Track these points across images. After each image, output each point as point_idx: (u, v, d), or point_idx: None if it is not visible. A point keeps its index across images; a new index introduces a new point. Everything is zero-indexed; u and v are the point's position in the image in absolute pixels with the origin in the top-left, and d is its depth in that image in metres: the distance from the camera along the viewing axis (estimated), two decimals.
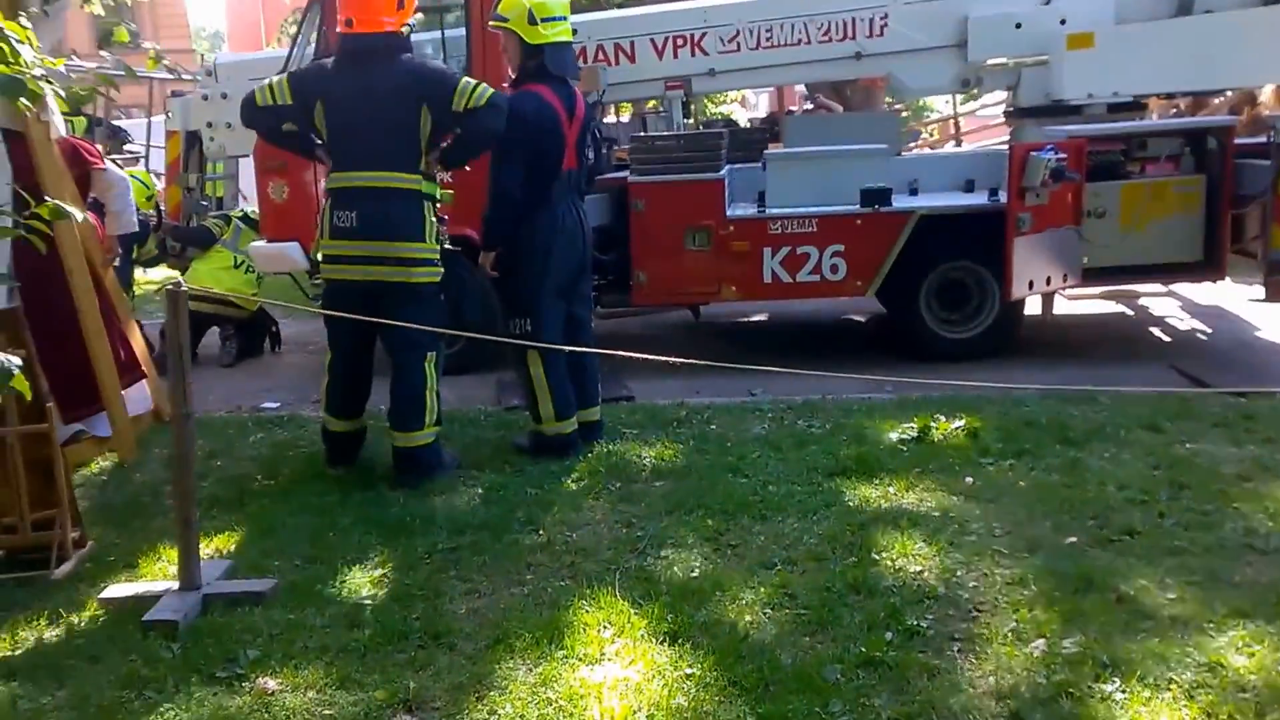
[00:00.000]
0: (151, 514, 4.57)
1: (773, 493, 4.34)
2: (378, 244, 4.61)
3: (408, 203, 4.62)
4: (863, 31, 7.25)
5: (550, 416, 5.02)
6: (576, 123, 5.00)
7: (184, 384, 3.60)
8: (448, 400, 6.02)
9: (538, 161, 4.84)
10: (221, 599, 3.57)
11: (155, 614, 3.46)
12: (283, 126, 4.87)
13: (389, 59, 4.62)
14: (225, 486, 4.77)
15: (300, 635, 3.35)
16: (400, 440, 4.76)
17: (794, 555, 3.75)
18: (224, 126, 7.99)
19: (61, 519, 3.99)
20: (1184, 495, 4.07)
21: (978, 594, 3.38)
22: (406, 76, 4.62)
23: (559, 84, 4.92)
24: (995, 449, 4.69)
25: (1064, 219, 6.26)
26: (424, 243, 4.66)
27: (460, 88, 4.57)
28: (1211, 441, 4.68)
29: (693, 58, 7.40)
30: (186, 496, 3.62)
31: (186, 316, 3.66)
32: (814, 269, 6.63)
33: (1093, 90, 6.81)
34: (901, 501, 4.19)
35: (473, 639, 3.29)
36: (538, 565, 3.82)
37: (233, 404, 6.30)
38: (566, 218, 5.01)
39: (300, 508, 4.48)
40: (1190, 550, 3.59)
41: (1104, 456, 4.55)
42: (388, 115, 4.58)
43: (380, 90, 4.57)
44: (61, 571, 3.93)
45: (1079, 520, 3.89)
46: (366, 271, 4.65)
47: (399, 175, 4.61)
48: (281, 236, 7.07)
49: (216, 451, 5.20)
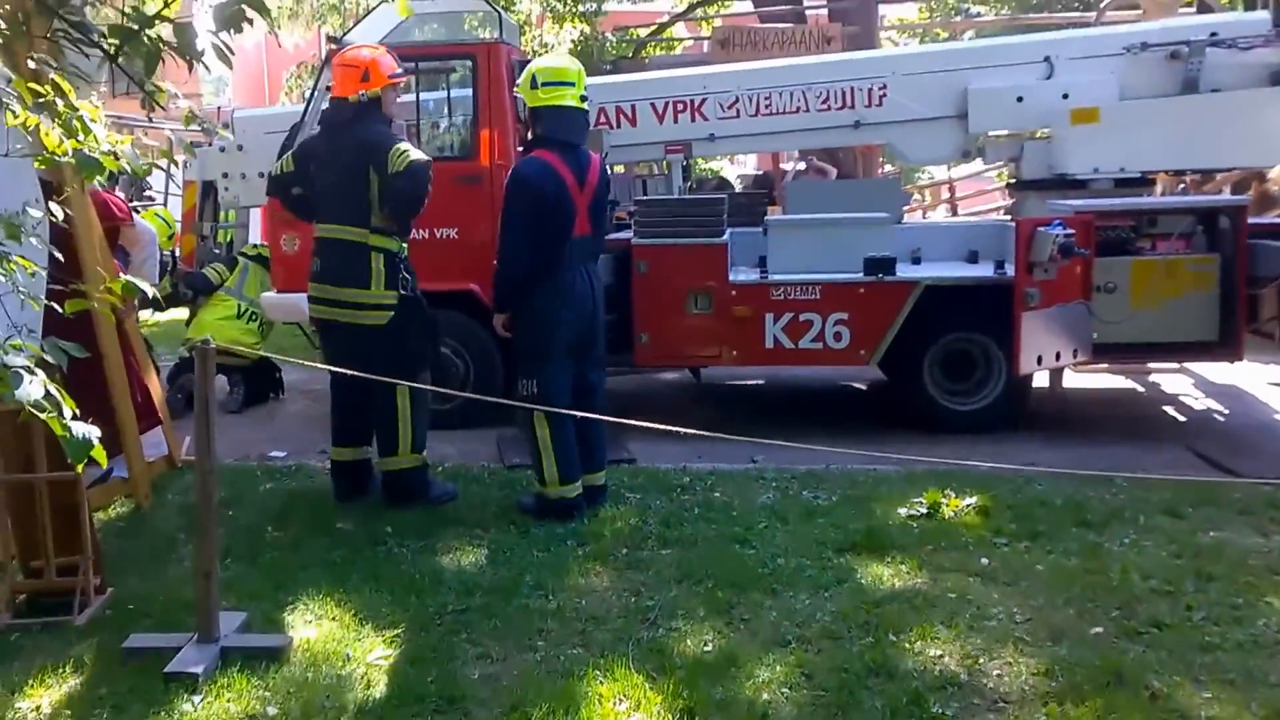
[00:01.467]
0: (167, 561, 4.59)
1: (782, 566, 4.26)
2: (329, 287, 5.13)
3: (353, 252, 5.05)
4: (861, 101, 7.27)
5: (554, 480, 4.97)
6: (589, 188, 5.00)
7: (209, 439, 3.62)
8: (450, 456, 6.00)
9: (543, 226, 4.86)
10: (239, 653, 3.59)
11: (176, 666, 3.49)
12: (293, 191, 5.39)
13: (350, 126, 5.08)
14: (238, 537, 4.74)
15: (318, 694, 3.34)
16: (383, 465, 5.24)
17: (808, 633, 3.67)
18: (239, 177, 8.14)
19: (85, 565, 4.02)
20: (1211, 587, 3.96)
21: (1002, 683, 3.29)
22: (358, 143, 5.03)
23: (567, 149, 4.94)
24: (1009, 529, 4.59)
25: (1073, 294, 6.23)
26: (368, 289, 5.05)
27: (391, 153, 4.95)
28: (1236, 530, 4.57)
29: (693, 123, 7.43)
30: (209, 549, 3.64)
31: (214, 375, 3.69)
32: (816, 336, 6.57)
33: (1098, 165, 6.84)
34: (915, 581, 4.10)
35: (488, 706, 3.24)
36: (548, 632, 3.76)
37: (241, 453, 6.26)
38: (577, 283, 5.01)
39: (311, 562, 4.47)
40: (1222, 646, 3.49)
41: (1124, 542, 4.45)
42: (342, 176, 5.06)
43: (341, 154, 5.07)
44: (84, 618, 3.96)
45: (1103, 609, 3.79)
46: (324, 311, 5.19)
47: (346, 228, 5.08)
48: (292, 288, 7.04)
49: (228, 500, 5.15)
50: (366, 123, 5.06)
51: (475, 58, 6.90)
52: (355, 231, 5.05)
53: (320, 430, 6.70)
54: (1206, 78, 6.57)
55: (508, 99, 6.79)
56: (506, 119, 6.80)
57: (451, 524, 4.88)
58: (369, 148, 4.99)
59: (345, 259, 5.07)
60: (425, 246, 6.80)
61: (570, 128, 4.97)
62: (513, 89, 6.87)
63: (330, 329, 5.22)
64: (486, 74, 6.80)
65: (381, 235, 5.06)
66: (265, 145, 7.53)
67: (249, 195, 8.22)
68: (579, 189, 4.95)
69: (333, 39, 7.40)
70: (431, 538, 4.70)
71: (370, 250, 5.04)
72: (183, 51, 2.88)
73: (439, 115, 7.73)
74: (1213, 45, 6.64)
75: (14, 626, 3.91)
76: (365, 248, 5.04)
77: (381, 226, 5.05)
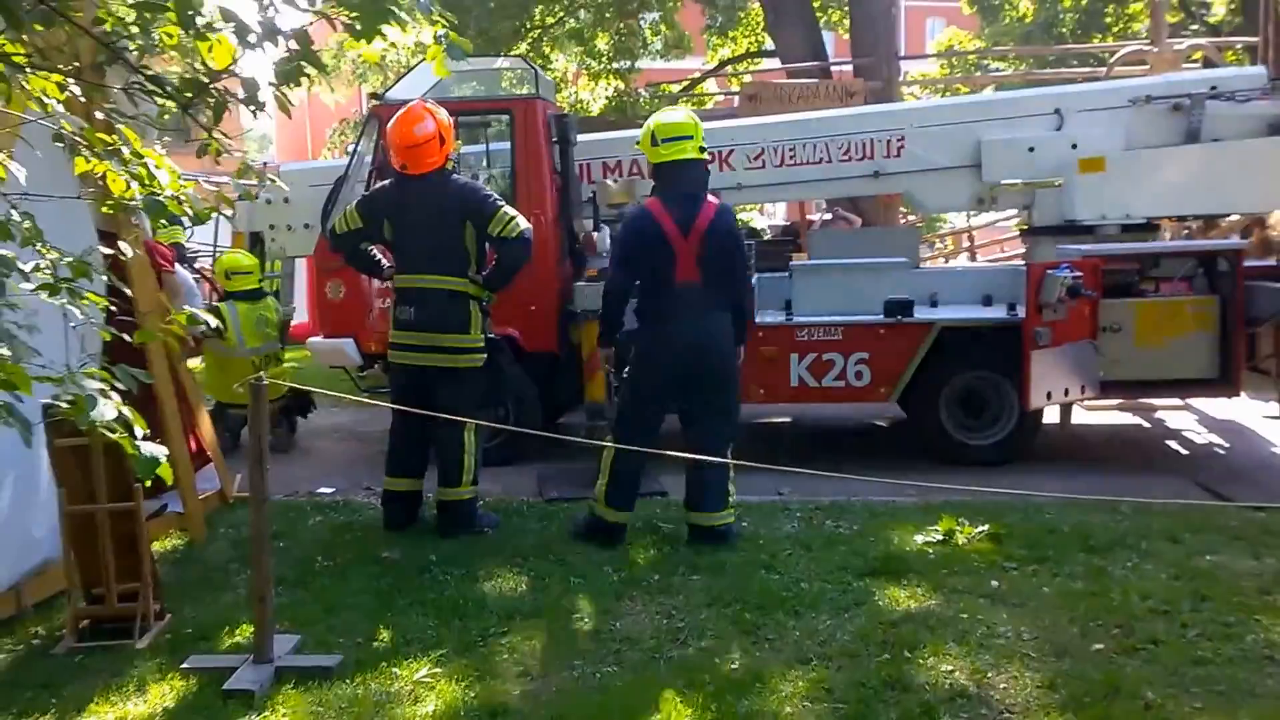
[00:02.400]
0: (222, 589, 4.73)
1: (805, 590, 4.42)
2: (430, 335, 5.28)
3: (455, 301, 5.27)
4: (880, 152, 7.51)
5: (601, 498, 5.22)
6: (695, 235, 4.92)
7: (262, 471, 3.82)
8: (493, 492, 6.19)
9: (642, 272, 5.06)
10: (293, 671, 3.71)
11: (234, 684, 3.61)
12: (360, 246, 5.53)
13: (440, 184, 5.25)
14: (290, 566, 4.90)
15: (368, 710, 3.47)
16: (442, 494, 5.41)
17: (829, 651, 3.82)
18: (285, 229, 8.33)
19: (145, 592, 4.17)
20: (1205, 606, 4.10)
21: (1008, 695, 3.44)
22: (454, 199, 5.23)
23: (677, 199, 4.98)
24: (1019, 554, 4.75)
25: (1080, 333, 6.42)
26: (468, 334, 5.30)
27: (497, 215, 5.18)
28: (1231, 554, 4.72)
29: (720, 172, 7.65)
30: (263, 575, 3.79)
31: (267, 408, 3.89)
32: (839, 375, 6.77)
33: (1105, 212, 7.03)
34: (930, 603, 4.26)
35: (529, 719, 3.38)
36: (586, 651, 3.90)
37: (290, 489, 6.45)
38: (678, 333, 4.99)
39: (360, 589, 4.61)
40: (1214, 661, 3.64)
41: (1126, 566, 4.60)
42: (439, 229, 5.23)
43: (433, 209, 5.22)
44: (144, 641, 4.10)
45: (1104, 627, 3.94)
46: (422, 358, 5.32)
47: (448, 279, 5.26)
48: (338, 333, 7.32)
49: (280, 533, 5.33)
50: (453, 178, 5.32)
51: (513, 113, 7.12)
52: (456, 282, 5.26)
53: (366, 467, 6.97)
54: (1208, 128, 6.75)
55: (544, 151, 7.06)
56: (543, 171, 7.05)
57: (493, 553, 5.04)
58: (470, 204, 5.21)
59: (447, 307, 5.26)
60: None
61: (688, 180, 5.02)
62: (549, 142, 7.19)
63: (415, 373, 5.34)
64: (524, 128, 7.03)
65: (475, 285, 5.31)
66: (310, 198, 7.72)
67: (294, 245, 8.43)
68: (682, 236, 4.92)
69: (375, 95, 7.68)
70: (474, 566, 4.85)
71: (470, 299, 5.29)
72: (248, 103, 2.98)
73: (479, 168, 8.03)
74: (1212, 98, 6.84)
75: (78, 649, 4.04)
76: (466, 296, 5.28)
77: (477, 279, 5.30)
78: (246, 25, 2.58)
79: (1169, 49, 10.80)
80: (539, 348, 7.09)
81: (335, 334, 7.32)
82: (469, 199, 5.24)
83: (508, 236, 5.17)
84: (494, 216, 5.17)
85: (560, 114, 7.49)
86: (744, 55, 19.62)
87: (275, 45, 2.64)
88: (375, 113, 7.31)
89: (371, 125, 7.29)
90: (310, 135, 30.69)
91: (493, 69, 9.77)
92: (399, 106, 7.13)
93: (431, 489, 5.52)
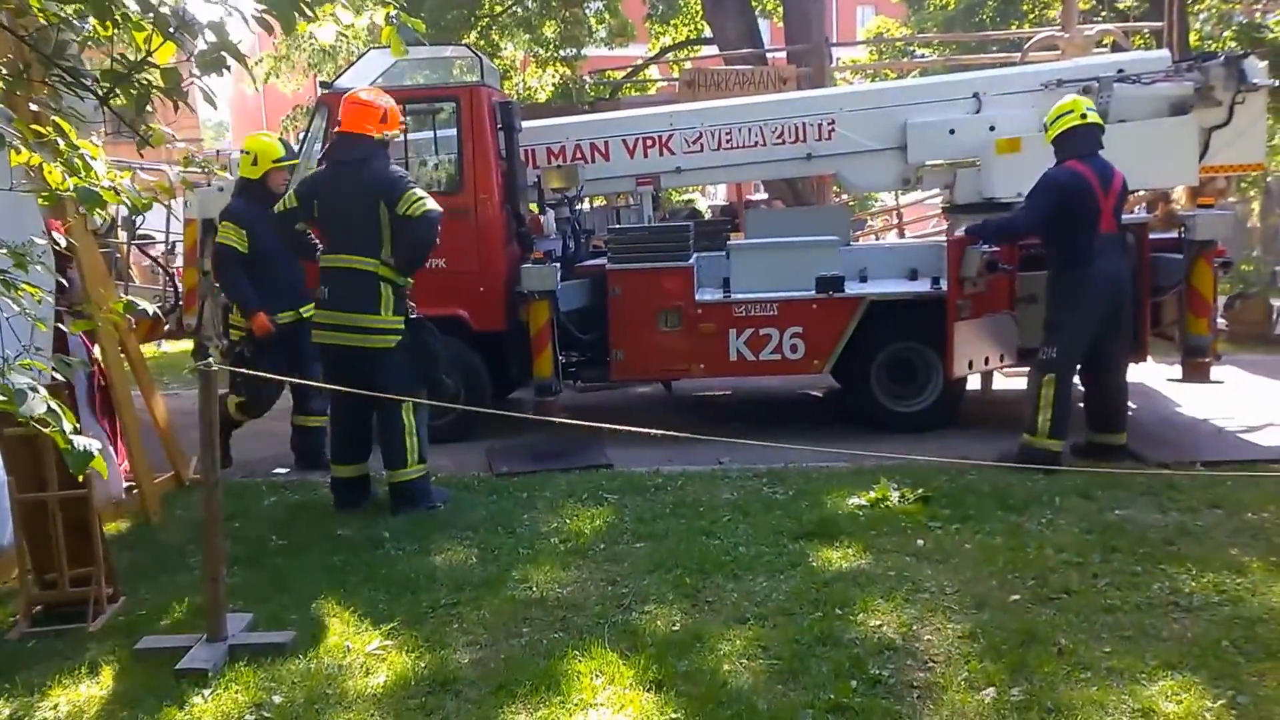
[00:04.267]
0: (176, 571, 4.63)
1: (743, 553, 4.44)
2: (341, 314, 5.21)
3: (364, 280, 5.16)
4: (813, 135, 7.51)
5: (1044, 432, 5.54)
6: (1113, 194, 5.55)
7: (213, 452, 3.72)
8: (444, 468, 6.14)
9: (1071, 223, 5.48)
10: (246, 649, 3.64)
11: (187, 663, 3.54)
12: (296, 227, 5.48)
13: (361, 164, 5.16)
14: (244, 546, 4.81)
15: (320, 683, 3.42)
16: (390, 477, 5.34)
17: (765, 610, 3.85)
18: None
19: (97, 575, 4.07)
20: (1114, 557, 4.20)
21: (932, 646, 3.49)
22: (371, 181, 5.16)
23: (1091, 159, 5.57)
24: (944, 515, 4.82)
25: (999, 305, 6.51)
26: (378, 315, 5.18)
27: (405, 195, 5.09)
28: (1139, 509, 4.83)
29: (661, 157, 7.62)
30: (215, 555, 3.71)
31: (217, 392, 3.79)
32: (775, 348, 6.82)
33: (1021, 190, 6.96)
34: (860, 562, 4.30)
35: (477, 686, 3.36)
36: (533, 619, 3.89)
37: (245, 471, 6.33)
38: (1101, 274, 5.52)
39: (313, 566, 4.54)
40: (1122, 608, 3.72)
41: (1042, 522, 4.68)
42: (355, 210, 5.17)
43: (353, 191, 5.16)
44: (97, 624, 4.02)
45: (1021, 580, 4.01)
46: (335, 337, 5.25)
47: (358, 259, 5.17)
48: None
49: (234, 513, 5.23)
50: (379, 161, 5.20)
51: (459, 100, 7.04)
52: (367, 262, 5.15)
53: None
54: (1115, 109, 6.82)
55: (490, 137, 6.97)
56: (489, 156, 6.96)
57: (444, 527, 5.00)
58: (383, 184, 5.12)
59: (355, 287, 5.15)
60: (416, 275, 6.98)
61: (1083, 141, 5.62)
62: (494, 128, 7.07)
63: (335, 353, 5.29)
64: (469, 114, 6.94)
65: (389, 268, 5.19)
66: None
67: None
68: (1103, 193, 5.51)
69: (325, 84, 7.52)
70: (426, 540, 4.81)
71: (380, 279, 5.17)
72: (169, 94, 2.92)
73: (428, 153, 7.88)
74: (1120, 81, 6.92)
75: (31, 634, 3.94)
76: (375, 276, 5.16)
77: (389, 260, 5.18)
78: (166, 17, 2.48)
79: (1080, 34, 10.92)
80: (488, 327, 7.03)
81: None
82: (382, 179, 5.14)
83: (412, 215, 5.07)
84: (402, 196, 5.08)
85: (505, 100, 7.39)
86: (684, 43, 19.53)
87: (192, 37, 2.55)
88: (324, 100, 7.14)
89: (321, 112, 7.11)
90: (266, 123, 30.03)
91: (440, 57, 9.60)
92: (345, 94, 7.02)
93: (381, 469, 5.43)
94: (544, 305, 6.74)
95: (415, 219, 5.08)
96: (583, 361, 7.14)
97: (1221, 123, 6.76)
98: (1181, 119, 6.80)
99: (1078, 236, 5.54)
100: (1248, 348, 9.55)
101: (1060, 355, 5.57)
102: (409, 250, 5.20)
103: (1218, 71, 6.69)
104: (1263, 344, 9.65)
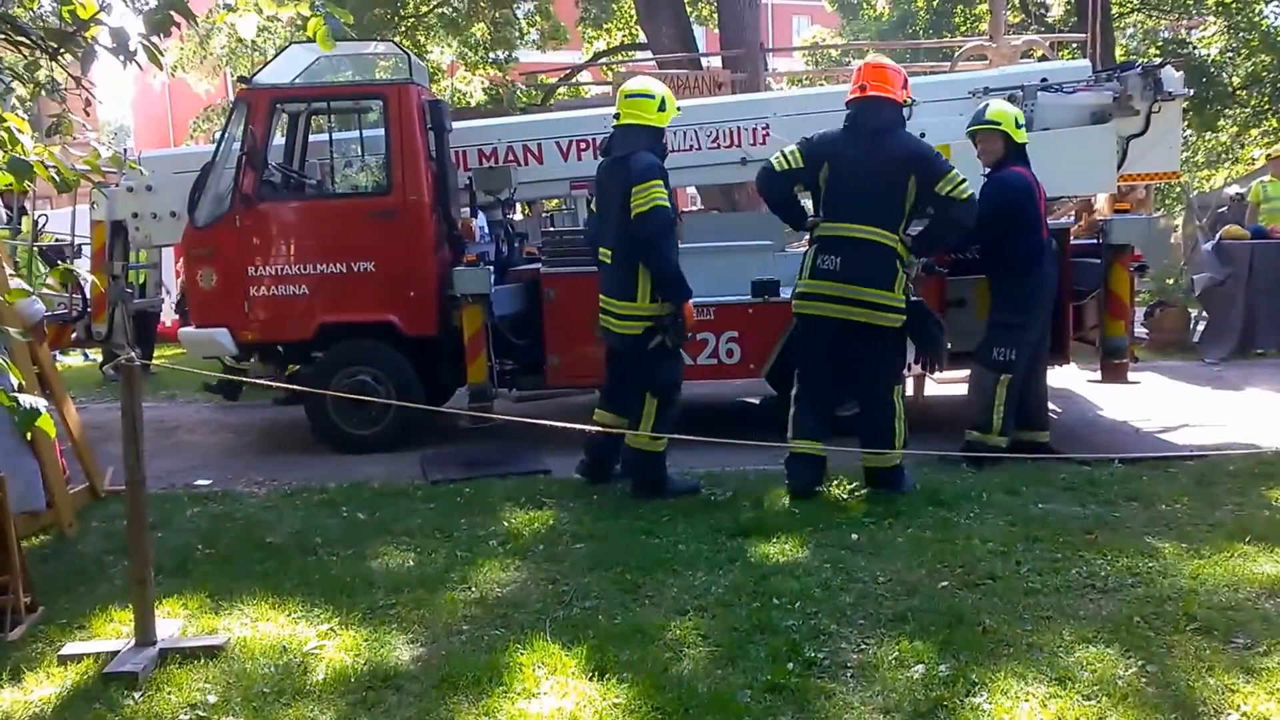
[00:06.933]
0: (96, 581, 4.62)
1: (683, 551, 4.64)
2: (854, 287, 5.14)
3: (885, 255, 5.12)
4: (747, 140, 7.73)
5: (996, 429, 5.79)
6: (1043, 200, 5.96)
7: (137, 451, 3.75)
8: (378, 475, 6.22)
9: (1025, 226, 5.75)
10: (178, 653, 3.67)
11: (115, 666, 3.55)
12: (793, 188, 5.46)
13: (890, 130, 5.18)
14: (169, 556, 4.81)
15: (256, 682, 3.48)
16: (872, 462, 5.31)
17: (705, 603, 4.04)
18: (149, 217, 7.96)
19: (14, 584, 4.04)
20: (1037, 546, 4.51)
21: (865, 630, 3.74)
22: (902, 150, 5.16)
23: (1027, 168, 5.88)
24: (877, 511, 5.10)
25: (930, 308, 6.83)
26: (892, 292, 5.15)
27: (947, 175, 5.10)
28: (1061, 502, 5.17)
29: (596, 160, 7.82)
30: (142, 557, 3.73)
31: (141, 390, 3.84)
32: (712, 353, 7.00)
33: None
34: (797, 556, 4.53)
35: (419, 680, 3.47)
36: (473, 617, 4.00)
37: (166, 483, 6.30)
38: (1049, 277, 5.88)
39: (243, 574, 4.57)
40: (1043, 590, 4.02)
41: (970, 516, 5.00)
42: (880, 179, 5.13)
43: (879, 158, 5.12)
44: (16, 634, 3.99)
45: (949, 568, 4.29)
46: (838, 310, 5.18)
47: (881, 231, 5.12)
48: (210, 323, 7.14)
49: (156, 524, 5.20)
50: (902, 131, 5.23)
51: (386, 98, 7.11)
52: (888, 235, 5.11)
53: (242, 459, 6.84)
54: (1039, 117, 7.19)
55: (419, 137, 7.05)
56: (419, 156, 7.04)
57: (379, 533, 5.08)
58: (917, 158, 5.13)
59: (873, 260, 5.10)
60: (343, 279, 7.05)
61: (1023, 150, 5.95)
62: (424, 128, 7.18)
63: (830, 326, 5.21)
64: (398, 113, 7.01)
65: (904, 245, 5.18)
66: (175, 184, 7.51)
67: (161, 234, 8.04)
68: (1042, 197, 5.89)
69: (243, 79, 7.54)
70: (360, 546, 4.88)
71: (896, 256, 5.14)
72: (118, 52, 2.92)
73: (354, 154, 7.95)
74: (1043, 89, 7.32)
75: None
76: (894, 252, 5.12)
77: (905, 238, 5.19)
78: None
79: (1007, 44, 11.51)
80: (419, 332, 7.10)
81: (207, 324, 7.15)
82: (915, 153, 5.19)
83: (955, 198, 5.11)
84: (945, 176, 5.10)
85: (434, 100, 7.50)
86: (618, 47, 19.84)
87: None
88: (243, 96, 7.18)
89: (241, 107, 7.15)
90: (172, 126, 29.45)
91: (366, 54, 9.65)
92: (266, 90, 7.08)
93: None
94: (477, 310, 6.87)
95: (959, 202, 5.08)
96: (518, 369, 7.23)
97: (1139, 132, 7.17)
98: (1101, 127, 7.19)
99: (1031, 239, 5.83)
100: (1167, 355, 10.12)
101: (1018, 356, 5.84)
102: (942, 230, 5.26)
103: (1135, 81, 7.10)
104: (1180, 351, 10.24)
